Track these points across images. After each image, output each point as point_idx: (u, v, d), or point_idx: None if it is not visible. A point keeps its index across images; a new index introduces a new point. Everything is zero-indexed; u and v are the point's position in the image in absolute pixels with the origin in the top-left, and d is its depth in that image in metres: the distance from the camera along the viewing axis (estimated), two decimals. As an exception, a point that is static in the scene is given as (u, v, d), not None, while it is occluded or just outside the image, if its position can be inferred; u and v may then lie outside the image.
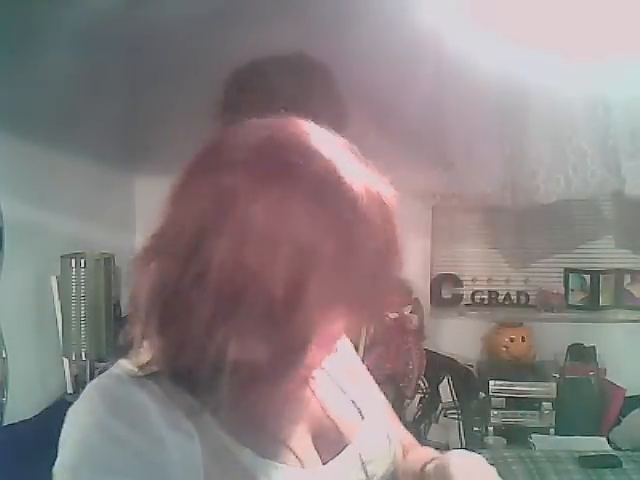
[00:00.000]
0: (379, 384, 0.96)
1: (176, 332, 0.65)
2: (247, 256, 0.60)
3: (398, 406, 2.46)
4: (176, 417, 0.66)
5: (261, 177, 0.62)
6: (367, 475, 0.78)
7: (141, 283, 0.66)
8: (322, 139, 0.66)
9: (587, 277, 2.94)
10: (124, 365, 0.70)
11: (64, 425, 0.66)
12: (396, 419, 0.96)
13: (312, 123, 0.69)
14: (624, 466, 2.27)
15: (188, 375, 0.66)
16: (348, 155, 0.67)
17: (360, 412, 0.84)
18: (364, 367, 0.95)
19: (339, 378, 0.86)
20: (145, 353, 0.69)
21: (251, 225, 0.60)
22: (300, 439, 0.75)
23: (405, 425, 0.98)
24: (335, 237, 0.61)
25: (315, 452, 0.76)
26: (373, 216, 0.64)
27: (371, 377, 0.95)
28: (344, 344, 0.92)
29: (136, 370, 0.68)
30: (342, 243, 0.62)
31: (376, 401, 0.90)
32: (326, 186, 0.62)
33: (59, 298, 2.11)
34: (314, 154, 0.63)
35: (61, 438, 0.65)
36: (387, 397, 0.97)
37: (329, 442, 0.78)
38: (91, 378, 2.22)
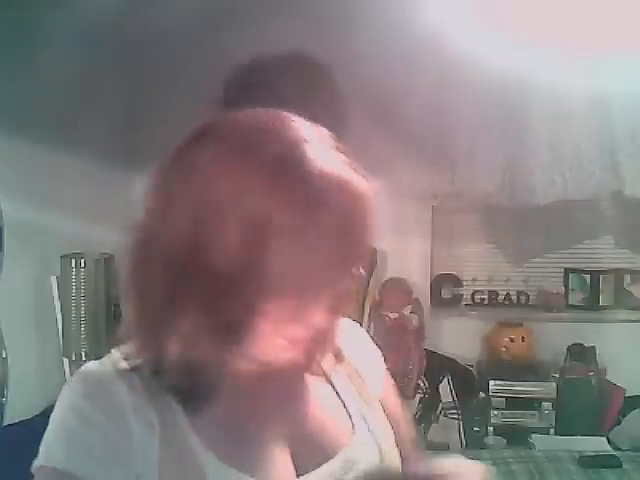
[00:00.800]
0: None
1: (145, 319, 0.69)
2: (195, 224, 0.63)
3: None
4: (142, 406, 0.68)
5: (218, 152, 0.65)
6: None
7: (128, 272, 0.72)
8: (294, 125, 0.67)
9: (587, 277, 2.94)
10: (113, 354, 0.74)
11: (53, 411, 0.73)
12: (406, 429, 0.91)
13: (294, 115, 0.70)
14: (624, 466, 2.27)
15: (162, 366, 0.68)
16: (323, 142, 0.67)
17: (353, 427, 0.79)
18: (386, 378, 0.90)
19: (344, 390, 0.82)
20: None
21: (202, 195, 0.63)
22: (275, 449, 0.72)
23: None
24: (286, 215, 0.61)
25: (291, 464, 0.73)
26: (331, 200, 0.63)
27: (391, 389, 0.91)
28: (372, 357, 0.89)
29: (122, 360, 0.72)
30: (292, 222, 0.61)
31: (378, 416, 0.84)
32: (283, 165, 0.62)
33: (59, 298, 2.11)
34: (276, 135, 0.65)
35: (50, 422, 0.71)
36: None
37: (310, 455, 0.74)
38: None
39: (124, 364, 0.71)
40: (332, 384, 0.82)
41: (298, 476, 0.73)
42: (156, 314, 0.67)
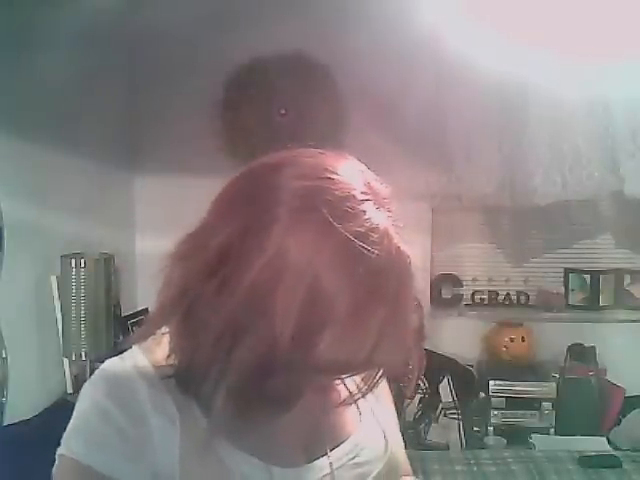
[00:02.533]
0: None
1: (192, 334, 0.69)
2: (268, 289, 0.63)
3: (398, 406, 2.46)
4: (163, 400, 0.71)
5: (300, 223, 0.64)
6: (355, 475, 0.79)
7: (170, 279, 0.70)
8: (368, 191, 0.68)
9: (587, 277, 2.94)
10: (135, 351, 0.75)
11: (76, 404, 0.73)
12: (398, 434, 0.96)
13: (359, 164, 0.72)
14: (624, 466, 2.27)
15: (193, 375, 0.69)
16: (385, 211, 0.69)
17: (360, 415, 0.84)
18: None
19: (349, 380, 0.85)
20: (159, 340, 0.74)
21: (279, 261, 0.63)
22: (288, 435, 0.76)
23: (405, 425, 0.97)
24: (353, 297, 0.63)
25: (302, 450, 0.77)
26: (392, 281, 0.66)
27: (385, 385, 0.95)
28: None
29: (142, 356, 0.74)
30: (359, 303, 0.64)
31: (382, 404, 0.91)
32: (357, 249, 0.64)
33: (59, 298, 2.11)
34: (355, 216, 0.65)
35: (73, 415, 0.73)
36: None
37: (320, 441, 0.78)
38: (91, 378, 2.15)
39: (145, 361, 0.73)
40: None
41: (310, 461, 0.77)
42: (204, 340, 0.67)
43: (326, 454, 0.78)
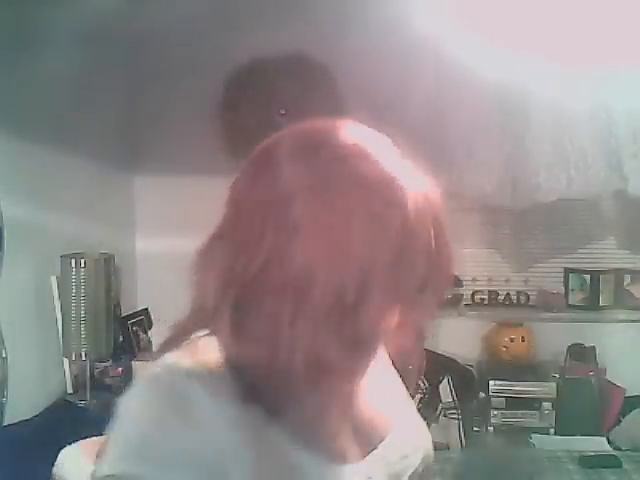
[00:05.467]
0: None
1: (246, 325, 0.67)
2: (308, 253, 0.63)
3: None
4: (227, 411, 0.66)
5: (322, 181, 0.66)
6: (400, 469, 0.81)
7: (207, 274, 0.68)
8: (375, 142, 0.73)
9: (587, 277, 2.94)
10: (173, 358, 0.69)
11: (115, 420, 0.65)
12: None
13: (362, 126, 0.76)
14: (624, 466, 2.27)
15: (250, 370, 0.67)
16: (397, 156, 0.73)
17: (392, 409, 0.86)
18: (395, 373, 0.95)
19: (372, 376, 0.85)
20: (196, 345, 0.70)
21: (311, 225, 0.64)
22: (345, 433, 0.76)
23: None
24: (390, 240, 0.66)
25: (357, 446, 0.77)
26: (424, 219, 0.69)
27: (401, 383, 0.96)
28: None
29: (185, 362, 0.68)
30: (396, 245, 0.66)
31: (405, 400, 0.92)
32: (381, 192, 0.67)
33: (59, 298, 2.11)
34: (370, 162, 0.69)
35: (112, 432, 0.65)
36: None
37: (367, 436, 0.79)
38: (91, 378, 2.22)
39: (193, 366, 0.67)
40: None
41: (363, 456, 0.77)
42: (259, 324, 0.67)
43: (375, 448, 0.78)
